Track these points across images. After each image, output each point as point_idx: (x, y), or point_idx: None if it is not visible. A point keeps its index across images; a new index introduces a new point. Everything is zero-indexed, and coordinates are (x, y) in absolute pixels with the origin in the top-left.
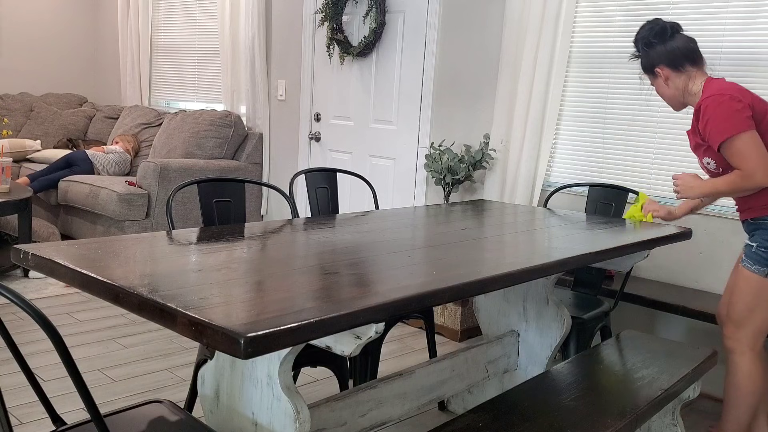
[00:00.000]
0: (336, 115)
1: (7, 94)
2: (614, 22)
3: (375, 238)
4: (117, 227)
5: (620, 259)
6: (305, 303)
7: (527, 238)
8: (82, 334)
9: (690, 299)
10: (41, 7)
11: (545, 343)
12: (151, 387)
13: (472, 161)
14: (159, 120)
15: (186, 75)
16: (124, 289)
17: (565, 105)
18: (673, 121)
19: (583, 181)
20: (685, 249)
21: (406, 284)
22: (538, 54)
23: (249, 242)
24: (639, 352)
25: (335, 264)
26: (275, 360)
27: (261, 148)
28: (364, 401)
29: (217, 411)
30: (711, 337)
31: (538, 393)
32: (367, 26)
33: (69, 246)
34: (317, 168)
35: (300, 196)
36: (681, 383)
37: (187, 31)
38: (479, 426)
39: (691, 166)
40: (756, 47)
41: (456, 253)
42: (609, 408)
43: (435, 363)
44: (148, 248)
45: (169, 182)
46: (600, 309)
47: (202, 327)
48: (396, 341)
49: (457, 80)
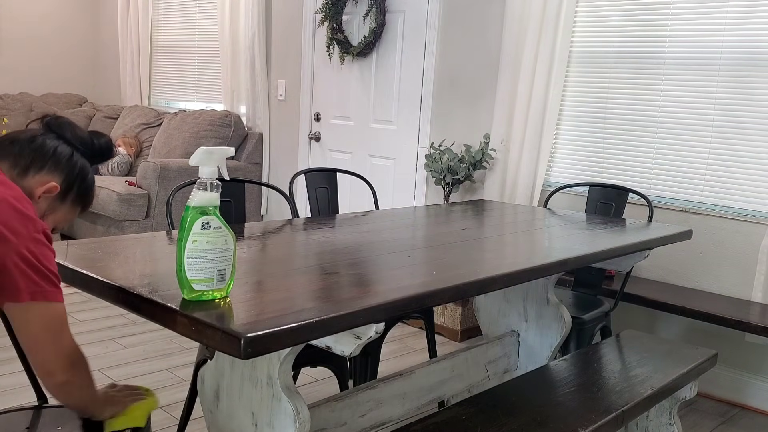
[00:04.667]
0: (336, 115)
1: (7, 94)
2: (614, 22)
3: (375, 238)
4: (117, 227)
5: (620, 259)
6: (305, 303)
7: (527, 238)
8: (82, 334)
9: (690, 299)
10: (41, 7)
11: (545, 343)
12: (150, 387)
13: (472, 161)
14: (159, 120)
15: (186, 75)
16: (124, 289)
17: (565, 105)
18: (673, 121)
19: (583, 181)
20: (685, 249)
21: (406, 284)
22: (538, 54)
23: (249, 242)
24: (636, 351)
25: (335, 264)
26: (275, 360)
27: (261, 148)
28: (364, 401)
29: (217, 411)
30: (711, 338)
31: (527, 388)
32: (367, 26)
33: (69, 246)
34: (317, 168)
35: (300, 196)
36: (674, 382)
37: (187, 31)
38: (462, 418)
39: (692, 166)
40: (756, 47)
41: (456, 253)
42: (596, 404)
43: (435, 363)
44: (148, 248)
45: (169, 182)
46: (600, 309)
47: (202, 327)
48: (396, 341)
49: (457, 80)
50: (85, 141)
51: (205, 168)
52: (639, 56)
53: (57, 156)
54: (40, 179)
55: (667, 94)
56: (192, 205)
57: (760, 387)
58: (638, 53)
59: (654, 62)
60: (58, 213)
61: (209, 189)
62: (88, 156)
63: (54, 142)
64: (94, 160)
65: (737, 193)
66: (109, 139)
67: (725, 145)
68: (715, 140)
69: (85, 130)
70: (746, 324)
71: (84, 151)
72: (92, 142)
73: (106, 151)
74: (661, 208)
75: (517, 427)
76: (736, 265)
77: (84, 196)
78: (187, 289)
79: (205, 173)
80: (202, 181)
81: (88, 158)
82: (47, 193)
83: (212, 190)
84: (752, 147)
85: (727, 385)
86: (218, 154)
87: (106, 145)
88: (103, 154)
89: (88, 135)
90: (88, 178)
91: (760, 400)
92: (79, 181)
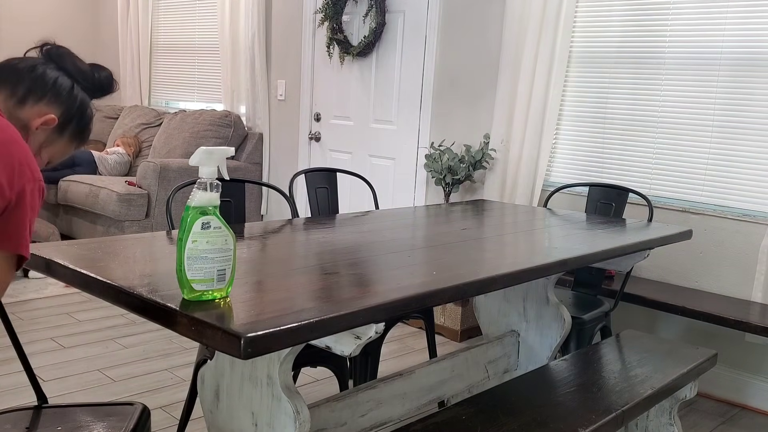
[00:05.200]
0: (336, 115)
1: None
2: (614, 22)
3: (375, 238)
4: (117, 227)
5: (620, 259)
6: (305, 303)
7: (527, 238)
8: (82, 334)
9: (690, 299)
10: (41, 7)
11: (545, 343)
12: (150, 387)
13: (472, 161)
14: (159, 120)
15: (186, 75)
16: (124, 289)
17: (565, 105)
18: (673, 121)
19: (583, 181)
20: (685, 249)
21: (406, 284)
22: (538, 54)
23: (249, 242)
24: (636, 351)
25: (335, 264)
26: (275, 360)
27: (261, 148)
28: (364, 401)
29: (217, 411)
30: (711, 338)
31: (527, 388)
32: (367, 26)
33: (69, 246)
34: (317, 168)
35: (300, 196)
36: (674, 382)
37: (187, 31)
38: (462, 418)
39: (691, 166)
40: (756, 47)
41: (456, 253)
42: (596, 404)
43: (435, 363)
44: (148, 248)
45: (169, 182)
46: (600, 309)
47: (202, 327)
48: (396, 341)
49: (457, 80)
50: (86, 74)
51: (205, 168)
52: (639, 56)
53: (57, 87)
54: (39, 110)
55: (667, 94)
56: (192, 205)
57: (760, 387)
58: (638, 53)
59: (654, 62)
60: (54, 146)
61: (209, 189)
62: (88, 89)
63: (54, 73)
64: (95, 94)
65: (737, 193)
66: (110, 73)
67: (725, 145)
68: (715, 140)
69: (85, 62)
70: (746, 324)
71: (85, 84)
72: (93, 75)
73: (107, 86)
74: (661, 208)
75: (517, 427)
76: (736, 265)
77: (82, 131)
78: (187, 289)
79: (205, 173)
80: (202, 181)
81: (88, 92)
82: (45, 125)
83: (212, 190)
84: (752, 147)
85: (727, 385)
86: (218, 154)
87: (107, 80)
88: (104, 88)
89: (90, 67)
90: (87, 112)
91: (760, 400)
92: (78, 114)
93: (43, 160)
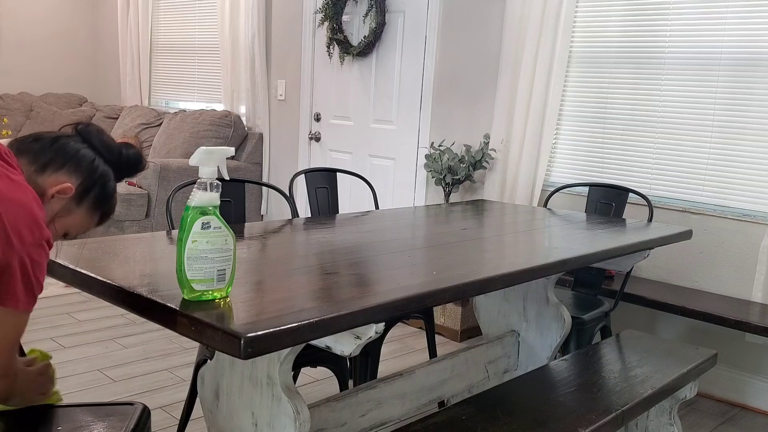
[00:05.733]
0: (336, 115)
1: (7, 94)
2: (614, 22)
3: (375, 238)
4: (117, 227)
5: (620, 259)
6: (305, 303)
7: (527, 238)
8: (82, 334)
9: (690, 299)
10: (41, 7)
11: (545, 343)
12: (150, 387)
13: (472, 161)
14: (159, 120)
15: (186, 75)
16: (124, 289)
17: (565, 105)
18: (673, 121)
19: (583, 181)
20: (685, 249)
21: (406, 284)
22: (538, 54)
23: (249, 242)
24: (636, 351)
25: (335, 264)
26: (275, 360)
27: (261, 148)
28: (364, 401)
29: (217, 411)
30: (711, 338)
31: (527, 388)
32: (367, 26)
33: (69, 246)
34: (317, 168)
35: (300, 196)
36: (674, 382)
37: (187, 31)
38: (462, 418)
39: (691, 166)
40: (756, 47)
41: (456, 253)
42: (596, 404)
43: (435, 363)
44: (148, 248)
45: (169, 182)
46: (600, 309)
47: (202, 327)
48: (396, 341)
49: (457, 80)
50: (111, 148)
51: (205, 168)
52: (639, 56)
53: (78, 158)
54: (56, 179)
55: (667, 94)
56: (192, 205)
57: (760, 387)
58: (638, 53)
59: (654, 62)
60: (71, 217)
61: (209, 189)
62: (113, 164)
63: (78, 145)
64: (121, 171)
65: (737, 193)
66: (139, 151)
67: (725, 145)
68: (715, 140)
69: (115, 140)
70: (746, 324)
71: (109, 158)
72: (120, 151)
73: (135, 163)
74: (661, 208)
75: (517, 427)
76: (736, 265)
77: (102, 202)
78: (187, 289)
79: (205, 173)
80: (202, 181)
81: (113, 167)
82: (60, 193)
83: (212, 190)
84: (752, 147)
85: (727, 385)
86: (218, 154)
87: (135, 157)
88: (130, 165)
89: (117, 144)
90: (109, 185)
91: (760, 400)
92: (98, 186)
93: (58, 231)
